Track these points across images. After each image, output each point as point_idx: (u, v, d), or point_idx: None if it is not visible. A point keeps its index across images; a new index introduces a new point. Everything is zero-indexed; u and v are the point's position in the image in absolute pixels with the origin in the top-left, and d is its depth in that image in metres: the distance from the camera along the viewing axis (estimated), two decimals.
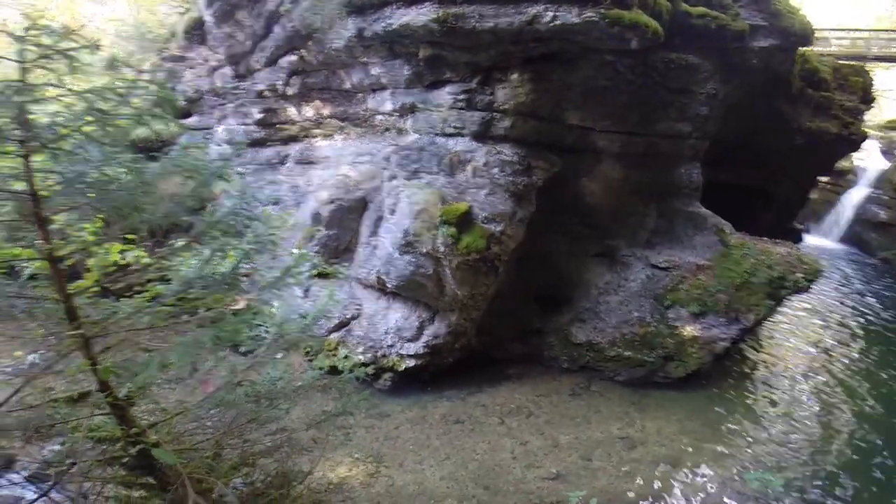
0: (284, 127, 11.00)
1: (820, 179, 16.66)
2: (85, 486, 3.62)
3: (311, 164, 10.51)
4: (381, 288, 8.27)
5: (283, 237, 9.03)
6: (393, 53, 8.00)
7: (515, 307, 8.78)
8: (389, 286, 7.94)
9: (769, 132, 11.06)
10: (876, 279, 14.98)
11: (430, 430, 7.11)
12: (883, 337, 10.82)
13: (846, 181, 19.86)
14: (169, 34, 13.17)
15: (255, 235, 3.64)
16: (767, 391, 8.47)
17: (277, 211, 9.68)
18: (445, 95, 8.00)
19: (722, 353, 8.41)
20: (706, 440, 7.06)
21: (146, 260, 4.89)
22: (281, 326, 4.06)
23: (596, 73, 7.99)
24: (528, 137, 8.01)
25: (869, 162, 19.74)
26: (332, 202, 9.01)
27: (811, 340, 10.46)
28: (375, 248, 8.43)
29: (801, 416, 7.80)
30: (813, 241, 18.46)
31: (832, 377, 8.96)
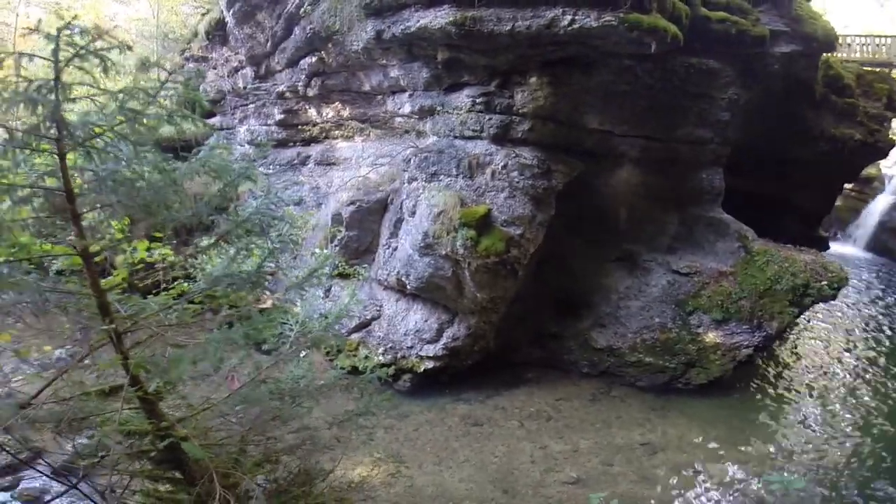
0: (305, 128, 11.12)
1: (846, 187, 16.29)
2: (112, 479, 3.68)
3: (331, 165, 10.61)
4: (400, 289, 8.30)
5: (304, 237, 9.12)
6: (411, 56, 8.04)
7: (534, 311, 8.73)
8: (409, 288, 7.96)
9: (792, 139, 10.86)
10: None
11: (448, 432, 7.10)
12: None
13: (872, 189, 19.39)
14: (191, 34, 13.39)
15: (278, 235, 3.68)
16: (791, 399, 8.29)
17: (299, 211, 9.78)
18: (464, 98, 8.02)
19: (745, 360, 8.25)
20: (728, 447, 6.92)
21: (172, 258, 4.97)
22: (304, 325, 4.09)
23: (615, 77, 7.94)
24: (547, 141, 7.99)
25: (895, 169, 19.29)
26: (352, 203, 9.07)
27: (836, 348, 10.21)
28: (395, 249, 8.46)
29: (825, 424, 7.61)
30: (839, 249, 18.03)
31: (857, 386, 8.74)
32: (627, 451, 6.82)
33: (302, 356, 4.24)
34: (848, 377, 9.05)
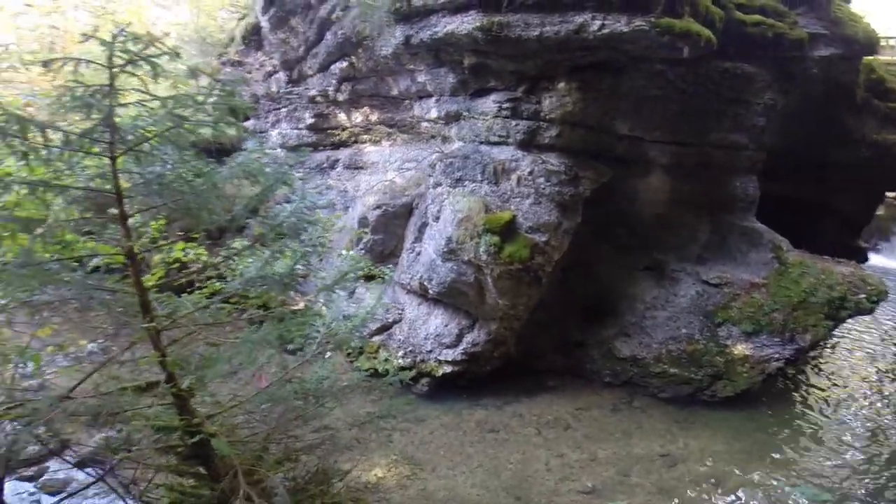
0: (335, 132, 11.31)
1: (888, 195, 15.65)
2: (136, 472, 3.80)
3: (359, 169, 10.76)
4: (423, 294, 8.36)
5: (331, 240, 9.28)
6: (438, 61, 8.11)
7: (558, 318, 8.67)
8: (431, 292, 8.01)
9: (831, 144, 10.54)
10: None
11: (464, 437, 7.10)
12: None
13: None
14: (228, 39, 13.76)
15: (309, 237, 3.78)
16: (822, 413, 8.00)
17: (327, 213, 9.96)
18: (490, 104, 8.04)
19: (774, 372, 8.02)
20: (752, 461, 6.72)
21: (205, 258, 5.14)
22: (330, 326, 4.18)
23: (646, 82, 7.84)
24: (575, 146, 7.93)
25: None
26: (378, 207, 9.19)
27: (870, 363, 9.82)
28: (419, 253, 8.53)
29: (856, 440, 7.33)
30: (879, 261, 17.30)
31: (890, 402, 8.40)
32: (646, 461, 6.70)
33: (327, 357, 4.33)
34: (881, 394, 8.69)
